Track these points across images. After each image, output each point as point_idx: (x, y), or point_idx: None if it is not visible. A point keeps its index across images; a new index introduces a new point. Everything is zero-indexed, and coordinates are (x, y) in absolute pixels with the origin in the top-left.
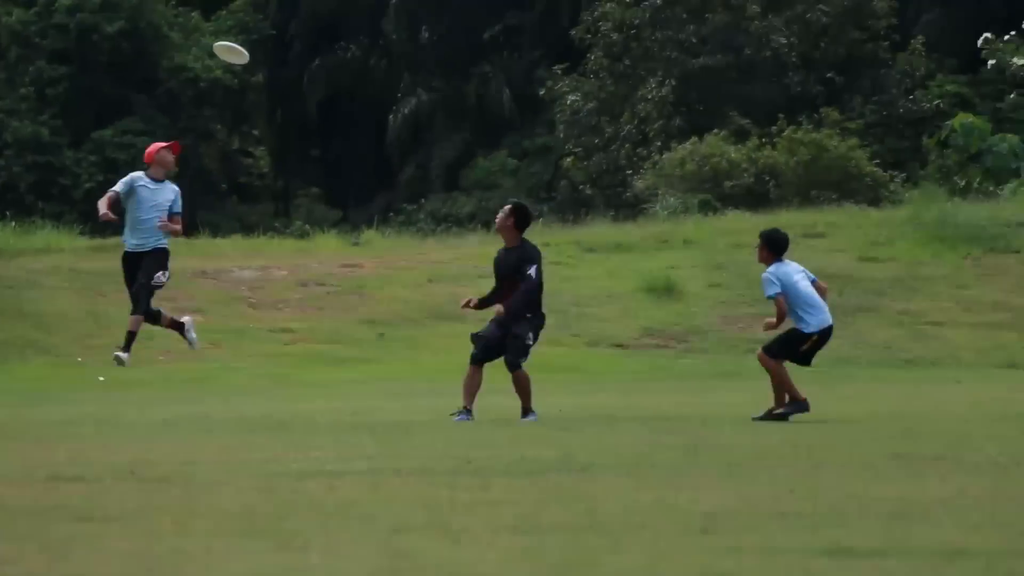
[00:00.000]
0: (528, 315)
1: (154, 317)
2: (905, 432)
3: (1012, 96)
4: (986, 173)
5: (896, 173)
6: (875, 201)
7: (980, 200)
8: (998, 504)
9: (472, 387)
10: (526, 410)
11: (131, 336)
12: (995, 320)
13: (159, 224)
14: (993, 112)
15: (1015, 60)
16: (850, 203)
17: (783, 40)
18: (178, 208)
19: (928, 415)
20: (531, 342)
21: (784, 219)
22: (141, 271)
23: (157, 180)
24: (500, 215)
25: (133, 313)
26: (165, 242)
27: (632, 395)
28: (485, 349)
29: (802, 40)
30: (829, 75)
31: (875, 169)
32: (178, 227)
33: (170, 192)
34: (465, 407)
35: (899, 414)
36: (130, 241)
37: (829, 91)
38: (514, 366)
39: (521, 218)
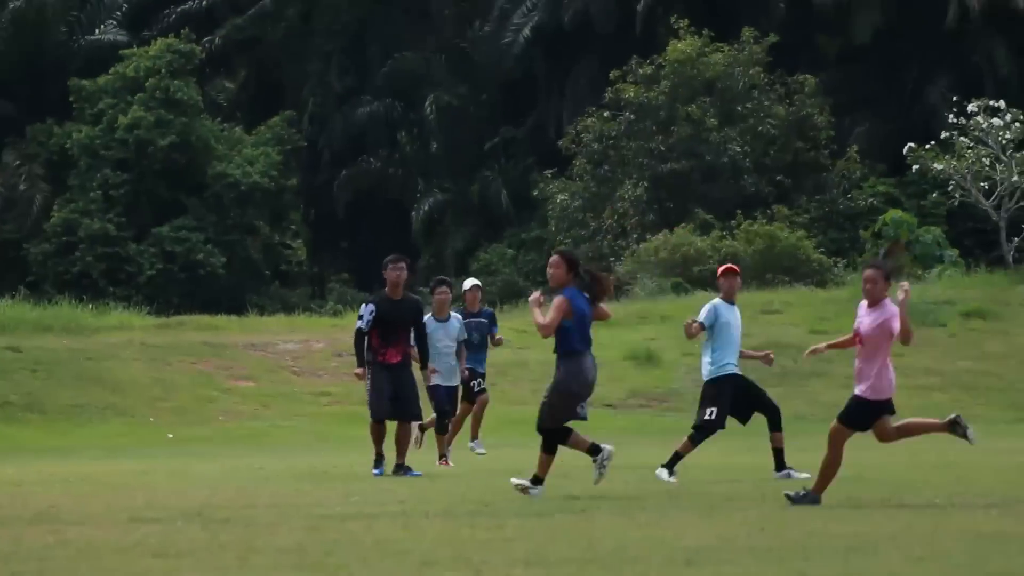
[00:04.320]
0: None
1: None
2: (855, 478)
3: (933, 195)
4: (914, 260)
5: (838, 259)
6: (822, 283)
7: (910, 282)
8: (938, 539)
9: None
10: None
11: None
12: (928, 383)
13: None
14: (918, 208)
15: (935, 165)
16: (800, 285)
17: (738, 148)
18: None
19: (874, 464)
20: None
21: (745, 298)
22: None
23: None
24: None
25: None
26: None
27: (622, 447)
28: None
29: (754, 148)
30: (778, 178)
31: (821, 256)
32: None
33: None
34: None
35: (849, 463)
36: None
37: (779, 191)
38: None
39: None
